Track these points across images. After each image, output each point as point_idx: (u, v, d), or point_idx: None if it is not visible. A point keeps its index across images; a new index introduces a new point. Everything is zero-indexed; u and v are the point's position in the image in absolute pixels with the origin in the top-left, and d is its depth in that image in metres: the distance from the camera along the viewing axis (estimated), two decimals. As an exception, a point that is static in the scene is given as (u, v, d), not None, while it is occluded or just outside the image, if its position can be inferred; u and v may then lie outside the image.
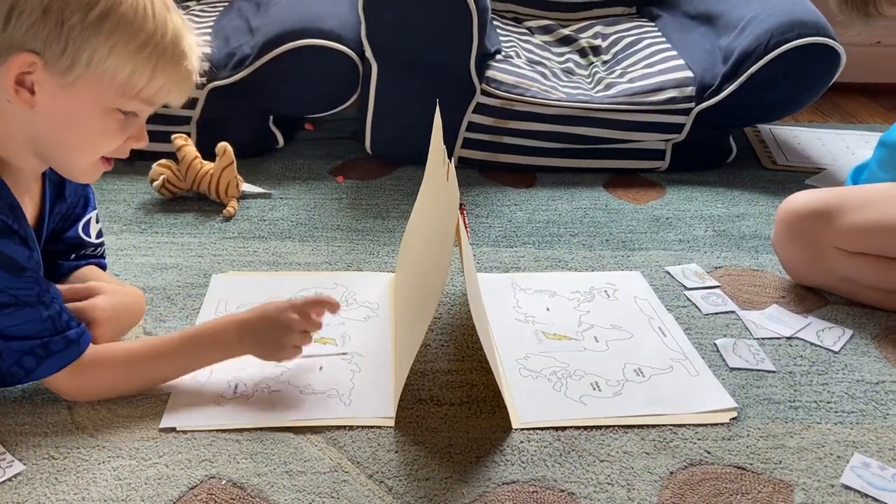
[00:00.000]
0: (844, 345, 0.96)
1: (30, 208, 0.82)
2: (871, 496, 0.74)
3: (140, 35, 0.73)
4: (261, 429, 0.80)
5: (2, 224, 0.73)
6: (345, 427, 0.80)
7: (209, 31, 1.46)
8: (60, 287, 0.82)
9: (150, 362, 0.82)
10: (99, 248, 0.96)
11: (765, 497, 0.73)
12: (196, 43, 0.79)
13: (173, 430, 0.79)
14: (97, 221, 0.95)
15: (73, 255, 0.92)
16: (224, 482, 0.73)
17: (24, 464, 0.74)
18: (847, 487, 0.75)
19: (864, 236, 0.98)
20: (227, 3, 1.60)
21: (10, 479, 0.72)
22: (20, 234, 0.75)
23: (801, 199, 1.03)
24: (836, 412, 0.85)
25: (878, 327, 0.99)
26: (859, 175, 1.10)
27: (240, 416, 0.81)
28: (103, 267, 0.96)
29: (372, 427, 0.81)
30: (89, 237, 0.93)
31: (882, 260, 0.98)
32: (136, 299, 0.92)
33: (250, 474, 0.74)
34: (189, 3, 1.61)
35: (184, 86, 0.78)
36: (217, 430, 0.79)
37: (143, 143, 0.80)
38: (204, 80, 1.35)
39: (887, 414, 0.84)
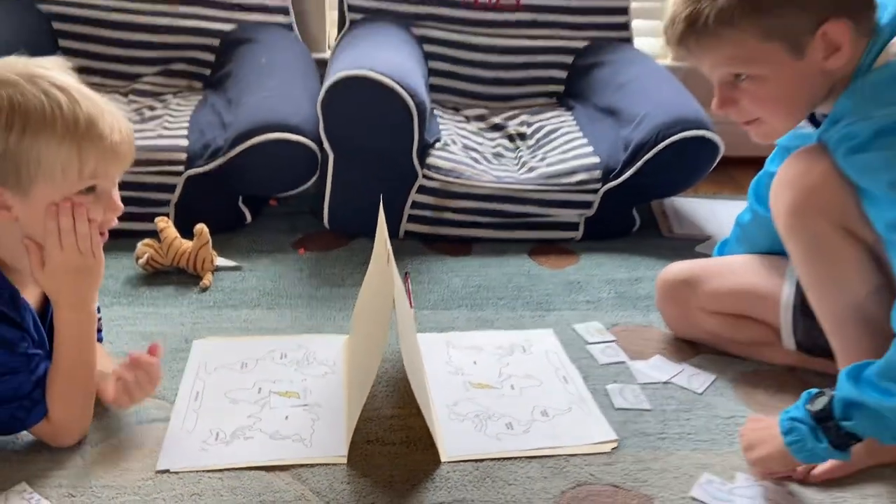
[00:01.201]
0: (707, 387, 1.20)
1: (33, 295, 1.00)
2: (713, 505, 0.97)
3: (56, 135, 0.87)
4: (238, 468, 0.99)
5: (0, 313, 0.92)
6: (307, 465, 1.01)
7: (186, 123, 1.68)
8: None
9: (66, 369, 0.97)
10: (97, 324, 1.15)
11: (632, 508, 0.96)
12: (117, 118, 0.92)
13: (167, 471, 0.98)
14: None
15: None
16: (211, 510, 0.93)
17: (49, 501, 0.92)
18: (695, 499, 0.98)
19: (719, 299, 1.23)
20: (200, 98, 1.82)
21: (37, 514, 0.91)
22: (14, 319, 0.94)
23: (673, 270, 1.28)
24: (694, 441, 1.08)
25: (736, 372, 1.24)
26: (723, 248, 1.36)
27: (221, 459, 1.01)
28: (99, 339, 1.15)
29: (329, 464, 1.01)
30: None
31: (736, 317, 1.24)
32: None
33: (231, 503, 0.94)
34: (166, 97, 1.83)
35: (117, 159, 0.93)
36: (203, 471, 0.99)
37: (118, 212, 0.97)
38: (182, 168, 1.57)
39: (733, 442, 1.08)
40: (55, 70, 0.91)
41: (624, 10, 2.00)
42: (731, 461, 1.05)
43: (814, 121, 1.04)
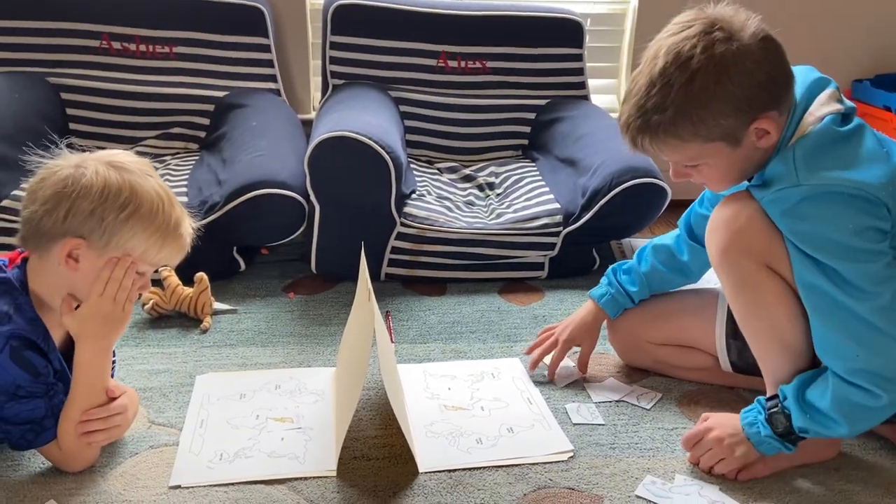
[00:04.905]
0: (654, 404, 1.36)
1: (58, 335, 1.14)
2: (654, 503, 1.12)
3: (153, 226, 1.07)
4: (241, 482, 1.13)
5: (31, 341, 1.06)
6: (301, 478, 1.15)
7: (185, 181, 1.85)
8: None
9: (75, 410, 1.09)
10: (112, 366, 1.29)
11: (584, 506, 1.11)
12: (189, 222, 1.13)
13: (179, 486, 1.12)
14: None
15: None
16: (218, 519, 1.06)
17: (75, 515, 1.06)
18: (639, 497, 1.13)
19: (665, 334, 1.40)
20: (197, 158, 2.00)
21: (65, 526, 1.04)
22: (42, 348, 1.08)
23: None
24: (641, 449, 1.24)
25: (679, 392, 1.40)
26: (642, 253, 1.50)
27: (226, 475, 1.14)
28: (111, 375, 1.29)
29: (321, 477, 1.15)
30: None
31: (681, 347, 1.40)
32: (136, 399, 1.24)
33: (236, 512, 1.08)
34: (166, 158, 2.01)
35: (181, 254, 1.15)
36: (210, 486, 1.12)
37: (147, 290, 1.18)
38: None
39: (674, 449, 1.24)
40: (151, 171, 1.11)
41: (580, 71, 2.21)
42: (671, 465, 1.20)
43: None
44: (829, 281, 1.05)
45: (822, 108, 1.09)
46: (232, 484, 1.13)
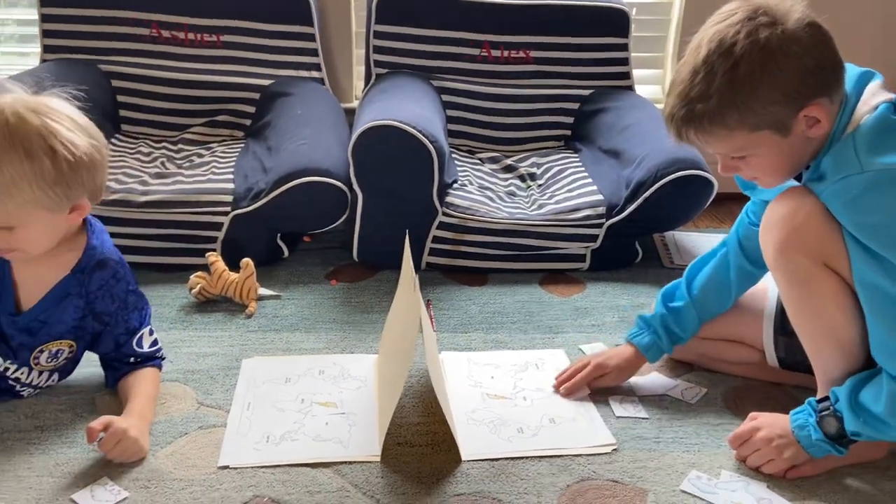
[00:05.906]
0: (699, 399, 1.34)
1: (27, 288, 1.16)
2: (700, 498, 1.11)
3: None
4: (288, 465, 1.15)
5: None
6: (346, 462, 1.16)
7: (232, 168, 1.87)
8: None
9: None
10: (157, 353, 1.31)
11: (628, 499, 1.10)
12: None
13: (227, 467, 1.14)
14: (151, 334, 1.30)
15: (131, 359, 1.28)
16: (266, 500, 1.08)
17: (129, 492, 1.09)
18: (684, 492, 1.12)
19: (709, 326, 1.37)
20: (242, 145, 2.03)
21: (120, 503, 1.07)
22: None
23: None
24: (685, 444, 1.22)
25: (725, 387, 1.38)
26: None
27: (273, 457, 1.17)
28: (159, 367, 1.31)
29: (365, 462, 1.17)
30: (141, 348, 1.28)
31: (726, 341, 1.38)
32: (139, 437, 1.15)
33: (283, 494, 1.10)
34: (212, 145, 2.04)
35: None
36: (258, 467, 1.15)
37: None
38: (229, 208, 1.76)
39: (720, 445, 1.22)
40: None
41: (625, 61, 2.18)
42: (717, 460, 1.19)
43: None
44: (889, 278, 1.02)
45: (874, 97, 1.06)
46: (278, 466, 1.15)
